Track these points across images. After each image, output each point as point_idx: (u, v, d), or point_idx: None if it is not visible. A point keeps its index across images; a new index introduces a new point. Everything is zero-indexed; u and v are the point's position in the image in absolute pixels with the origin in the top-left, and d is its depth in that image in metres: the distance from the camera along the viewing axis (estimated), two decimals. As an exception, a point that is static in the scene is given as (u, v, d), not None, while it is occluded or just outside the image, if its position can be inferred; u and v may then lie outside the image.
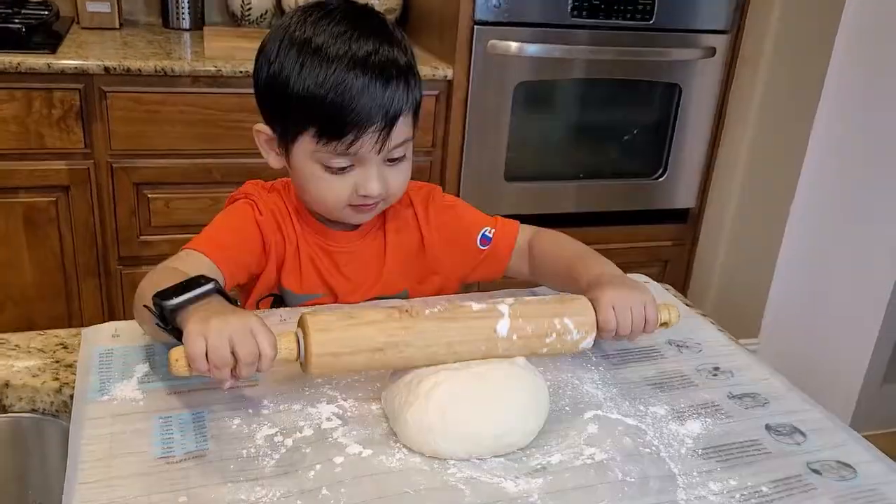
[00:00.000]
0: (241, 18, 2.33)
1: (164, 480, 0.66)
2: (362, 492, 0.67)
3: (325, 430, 0.74)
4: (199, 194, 1.96)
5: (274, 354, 0.70)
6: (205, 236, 0.96)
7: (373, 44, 0.90)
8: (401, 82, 0.90)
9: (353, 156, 0.91)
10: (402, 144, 0.94)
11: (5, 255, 1.87)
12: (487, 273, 1.09)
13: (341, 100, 0.87)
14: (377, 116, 0.88)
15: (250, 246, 0.99)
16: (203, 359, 0.68)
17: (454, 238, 1.07)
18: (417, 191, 1.07)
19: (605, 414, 0.80)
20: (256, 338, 0.69)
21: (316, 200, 0.97)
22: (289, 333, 0.73)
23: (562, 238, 1.06)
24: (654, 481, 0.71)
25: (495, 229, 1.08)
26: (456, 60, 2.04)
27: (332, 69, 0.88)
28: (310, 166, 0.93)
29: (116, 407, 0.75)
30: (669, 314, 0.88)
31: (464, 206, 1.11)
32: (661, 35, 2.19)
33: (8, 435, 0.78)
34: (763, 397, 0.85)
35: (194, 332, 0.68)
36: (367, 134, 0.89)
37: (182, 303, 0.72)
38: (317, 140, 0.90)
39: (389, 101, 0.89)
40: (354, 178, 0.93)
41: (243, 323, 0.69)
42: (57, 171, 1.85)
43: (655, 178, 2.38)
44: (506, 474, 0.70)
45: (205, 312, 0.71)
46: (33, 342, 0.85)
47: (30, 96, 1.77)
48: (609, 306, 0.83)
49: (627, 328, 0.84)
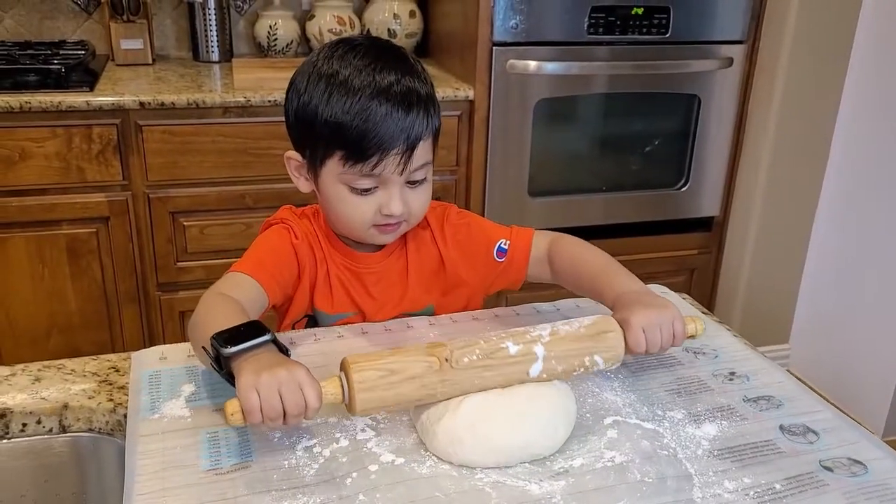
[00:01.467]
0: (267, 49, 2.41)
1: (214, 490, 0.72)
2: (396, 496, 0.71)
3: (359, 441, 0.79)
4: (232, 220, 2.04)
5: (319, 406, 0.75)
6: (249, 259, 1.02)
7: (395, 74, 0.96)
8: (421, 109, 0.96)
9: (377, 177, 0.97)
10: (423, 167, 0.99)
11: (51, 285, 1.96)
12: (507, 283, 1.14)
13: (366, 126, 0.93)
14: (399, 140, 0.94)
15: (289, 268, 1.05)
16: (258, 412, 0.72)
17: (471, 253, 1.12)
18: (432, 210, 1.12)
19: (625, 419, 0.84)
20: (304, 390, 0.74)
21: (343, 221, 1.02)
22: (333, 379, 0.77)
23: (580, 246, 1.08)
24: (672, 481, 0.74)
25: (510, 241, 1.11)
26: (476, 81, 2.09)
27: (357, 98, 0.94)
28: (337, 188, 0.99)
29: (167, 424, 0.80)
30: (696, 327, 0.92)
31: (478, 221, 1.15)
32: (678, 48, 2.23)
33: (68, 453, 0.84)
34: (777, 399, 0.89)
35: (247, 386, 0.73)
36: (389, 157, 0.95)
37: (239, 352, 0.77)
38: (343, 163, 0.96)
39: (410, 126, 0.95)
40: (378, 200, 0.98)
41: (292, 376, 0.74)
42: (97, 203, 1.93)
43: (678, 188, 2.41)
44: (530, 478, 0.75)
45: (257, 364, 0.75)
46: (88, 366, 0.91)
47: (70, 133, 1.86)
48: (639, 329, 0.86)
49: (657, 347, 0.87)
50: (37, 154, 1.84)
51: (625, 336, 0.86)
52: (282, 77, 2.13)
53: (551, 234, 1.12)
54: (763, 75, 2.29)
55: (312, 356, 0.94)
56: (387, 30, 2.40)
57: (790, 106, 2.25)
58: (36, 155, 1.84)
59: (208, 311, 0.88)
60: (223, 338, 0.78)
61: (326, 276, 1.07)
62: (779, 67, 2.24)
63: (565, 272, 1.07)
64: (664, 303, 0.91)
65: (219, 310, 0.88)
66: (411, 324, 1.04)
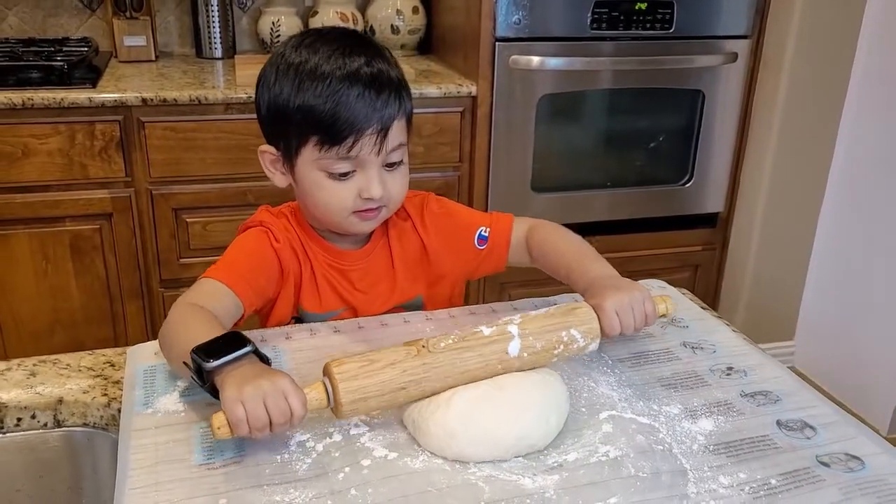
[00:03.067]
0: (270, 45, 2.41)
1: (206, 485, 0.71)
2: (388, 491, 0.71)
3: (352, 436, 0.79)
4: (234, 217, 2.03)
5: (304, 413, 0.75)
6: (222, 265, 1.00)
7: (363, 58, 0.96)
8: (392, 90, 0.97)
9: (354, 159, 0.96)
10: (399, 149, 0.99)
11: (54, 281, 1.97)
12: (489, 269, 1.15)
13: (338, 108, 0.94)
14: (373, 120, 0.95)
15: (268, 272, 1.03)
16: (244, 424, 0.72)
17: (452, 241, 1.12)
18: (411, 200, 1.12)
19: (620, 414, 0.83)
20: (288, 399, 0.74)
21: (322, 210, 1.01)
22: (317, 384, 0.77)
23: (556, 233, 1.11)
24: (666, 476, 0.74)
25: (490, 228, 1.12)
26: (479, 76, 2.09)
27: (327, 82, 0.94)
28: (314, 175, 0.98)
29: (160, 419, 0.80)
30: (667, 306, 0.95)
31: (457, 209, 1.15)
32: (682, 43, 2.21)
33: (63, 448, 0.84)
34: (775, 395, 0.88)
35: (231, 399, 0.73)
36: (364, 137, 0.95)
37: (221, 365, 0.77)
38: (319, 148, 0.96)
39: (383, 105, 0.95)
40: (357, 184, 0.98)
41: (275, 386, 0.74)
42: (100, 199, 1.94)
43: (683, 184, 2.40)
44: (523, 472, 0.74)
45: (240, 377, 0.75)
46: (83, 361, 0.92)
47: (73, 129, 1.86)
48: (612, 312, 0.89)
49: (630, 329, 0.90)
50: (40, 151, 1.85)
51: (599, 321, 0.88)
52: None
53: (530, 221, 1.14)
54: (768, 71, 2.28)
55: (307, 351, 0.94)
56: (390, 25, 2.40)
57: (795, 102, 2.24)
58: (39, 152, 1.85)
59: (181, 323, 0.87)
60: (203, 351, 0.77)
61: (312, 276, 1.06)
62: (783, 63, 2.22)
63: (541, 259, 1.10)
64: (633, 285, 0.94)
65: (193, 322, 0.86)
66: (408, 318, 1.03)
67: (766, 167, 2.34)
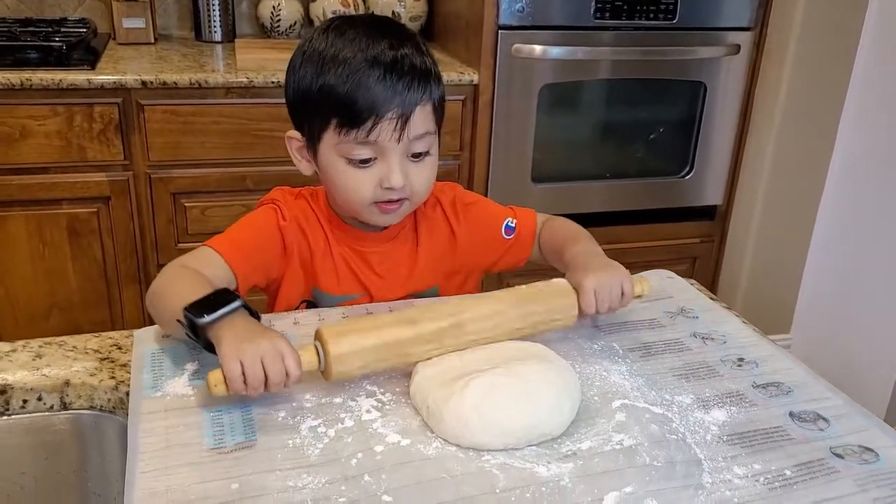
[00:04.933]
0: (270, 30, 2.39)
1: (217, 469, 0.71)
2: (402, 477, 0.70)
3: (365, 422, 0.78)
4: (233, 201, 2.02)
5: (300, 374, 0.77)
6: (224, 236, 1.01)
7: (388, 42, 0.95)
8: (416, 75, 0.95)
9: (374, 144, 0.95)
10: (423, 138, 0.97)
11: (51, 264, 1.95)
12: (511, 261, 1.15)
13: (358, 89, 0.93)
14: (393, 104, 0.93)
15: (269, 249, 1.03)
16: (241, 380, 0.75)
17: (481, 232, 1.12)
18: (441, 191, 1.12)
19: (633, 403, 0.83)
20: (285, 359, 0.76)
21: (342, 197, 1.00)
22: (309, 347, 0.80)
23: (561, 221, 1.13)
24: (680, 465, 0.73)
25: (517, 219, 1.13)
26: (481, 65, 2.07)
27: (348, 64, 0.94)
28: (334, 161, 0.97)
29: (170, 402, 0.79)
30: (643, 287, 0.97)
31: (484, 200, 1.16)
32: (684, 34, 2.20)
33: (69, 431, 0.83)
34: (787, 386, 0.88)
35: (229, 355, 0.75)
36: (384, 121, 0.93)
37: (214, 320, 0.78)
38: (339, 132, 0.95)
39: (405, 89, 0.94)
40: (378, 173, 0.96)
41: (273, 345, 0.76)
42: (98, 182, 1.92)
43: (682, 176, 2.39)
44: (537, 460, 0.74)
45: (235, 333, 0.77)
46: (89, 343, 0.90)
47: (71, 111, 1.84)
48: (591, 291, 0.91)
49: (605, 307, 0.92)
50: (37, 132, 1.83)
51: (578, 299, 0.91)
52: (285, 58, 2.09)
53: (545, 216, 1.16)
54: (770, 63, 2.27)
55: (315, 336, 0.93)
56: (391, 12, 2.38)
57: (797, 94, 2.23)
58: (37, 133, 1.83)
59: (170, 282, 0.89)
60: (195, 308, 0.79)
61: (330, 257, 1.06)
62: (786, 55, 2.22)
63: (546, 247, 1.11)
64: (613, 265, 0.95)
65: (182, 281, 0.88)
66: (416, 304, 1.02)
67: (767, 160, 2.34)
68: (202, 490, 0.68)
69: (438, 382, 0.79)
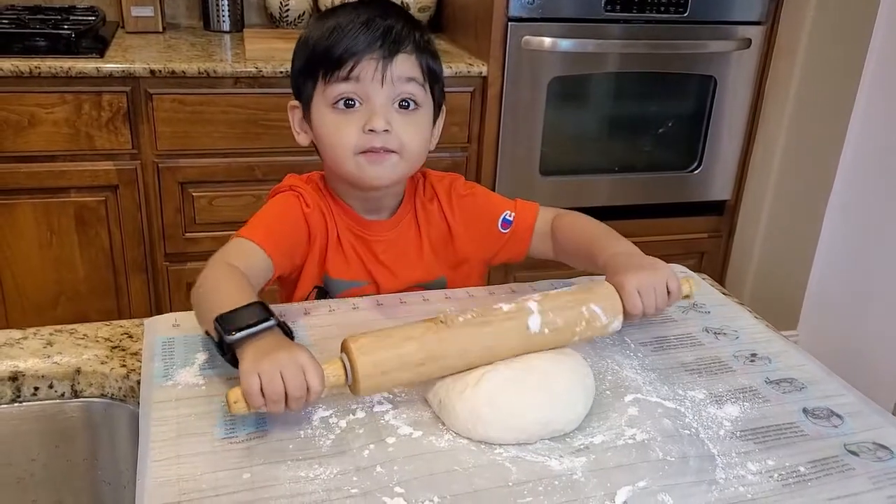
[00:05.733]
0: (279, 20, 2.38)
1: (229, 459, 0.70)
2: (414, 469, 0.70)
3: (376, 413, 0.78)
4: (241, 192, 2.02)
5: (321, 389, 0.73)
6: (255, 225, 1.00)
7: (380, 11, 0.98)
8: (402, 22, 0.98)
9: (357, 84, 0.95)
10: (409, 83, 0.97)
11: (59, 252, 1.95)
12: (510, 255, 1.13)
13: (340, 38, 0.95)
14: (375, 46, 0.95)
15: (297, 235, 1.03)
16: (259, 395, 0.71)
17: (476, 224, 1.11)
18: (440, 181, 1.12)
19: (645, 397, 0.82)
20: (306, 373, 0.72)
21: (331, 154, 0.99)
22: (335, 360, 0.76)
23: (582, 218, 1.09)
24: (694, 461, 0.73)
25: (515, 212, 1.11)
26: (490, 57, 2.06)
27: (335, 24, 0.97)
28: (323, 114, 0.98)
29: (181, 391, 0.79)
30: (690, 287, 0.93)
31: (484, 192, 1.14)
32: (695, 27, 2.19)
33: (80, 418, 0.83)
34: (800, 382, 0.87)
35: (248, 370, 0.72)
36: (365, 60, 0.95)
37: (243, 338, 0.76)
38: (325, 81, 0.97)
39: (388, 31, 0.96)
40: (362, 118, 0.96)
41: (293, 359, 0.72)
42: (106, 171, 1.92)
43: (691, 171, 2.38)
44: (550, 454, 0.73)
45: (259, 349, 0.74)
46: (100, 332, 0.90)
47: (80, 99, 1.83)
48: (634, 291, 0.87)
49: (653, 308, 0.88)
50: (46, 120, 1.82)
51: (621, 300, 0.86)
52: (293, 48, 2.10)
53: (556, 210, 1.13)
54: (781, 58, 2.26)
55: (326, 327, 0.93)
56: (400, 2, 2.37)
57: (807, 90, 2.22)
58: (45, 121, 1.82)
59: (214, 286, 0.87)
60: (227, 321, 0.77)
61: (338, 243, 1.06)
62: (797, 50, 2.20)
63: (564, 243, 1.08)
64: (656, 263, 0.92)
65: (226, 285, 0.86)
66: (427, 297, 1.02)
67: (776, 156, 2.33)
68: (213, 479, 0.68)
69: (451, 375, 0.78)
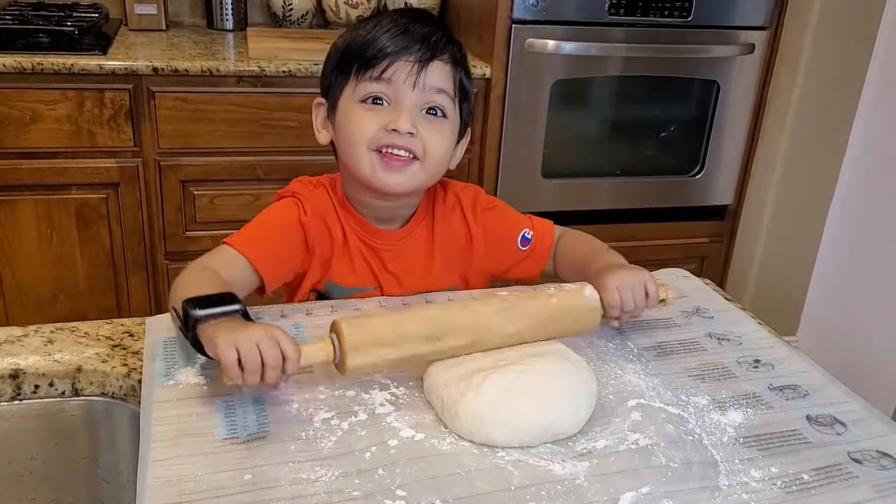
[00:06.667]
0: (282, 19, 2.38)
1: (230, 459, 0.70)
2: (416, 472, 0.70)
3: (378, 415, 0.77)
4: (242, 191, 2.02)
5: (298, 356, 0.74)
6: (244, 233, 0.99)
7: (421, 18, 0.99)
8: (440, 35, 0.98)
9: (388, 84, 0.95)
10: (440, 94, 0.97)
11: (59, 250, 1.94)
12: (524, 272, 1.13)
13: (379, 35, 0.96)
14: (412, 50, 0.95)
15: (291, 244, 1.01)
16: (237, 367, 0.72)
17: (496, 238, 1.11)
18: (463, 190, 1.11)
19: (648, 402, 0.82)
20: (280, 344, 0.74)
21: (347, 149, 0.98)
22: (324, 339, 0.78)
23: (582, 236, 1.12)
24: (697, 467, 0.73)
25: (534, 230, 1.12)
26: (494, 59, 2.06)
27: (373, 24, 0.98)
28: (349, 110, 0.98)
29: (182, 391, 0.79)
30: (667, 292, 0.96)
31: (504, 207, 1.14)
32: (699, 32, 2.19)
33: (80, 417, 0.82)
34: (804, 389, 0.87)
35: (224, 343, 0.73)
36: (400, 61, 0.95)
37: (207, 315, 0.77)
38: (357, 77, 0.97)
39: (427, 38, 0.96)
40: (387, 116, 0.96)
41: (268, 333, 0.74)
42: (107, 168, 1.91)
43: (693, 175, 2.38)
44: (552, 458, 0.73)
45: (228, 327, 0.75)
46: (101, 330, 0.90)
47: (82, 96, 1.83)
48: (614, 288, 0.90)
49: (631, 305, 0.90)
50: (48, 117, 1.82)
51: (601, 298, 0.90)
52: (297, 48, 2.10)
53: (562, 228, 1.14)
54: (784, 63, 2.26)
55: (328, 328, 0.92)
56: (404, 3, 2.37)
57: (810, 95, 2.22)
58: (47, 117, 1.82)
59: (187, 282, 0.87)
60: (194, 302, 0.78)
61: (346, 249, 1.04)
62: (801, 56, 2.20)
63: (565, 261, 1.10)
64: (637, 268, 0.95)
65: (200, 281, 0.86)
66: (430, 298, 1.02)
67: (778, 161, 2.33)
68: (215, 480, 0.67)
69: (454, 377, 0.78)
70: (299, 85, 1.93)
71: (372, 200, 1.02)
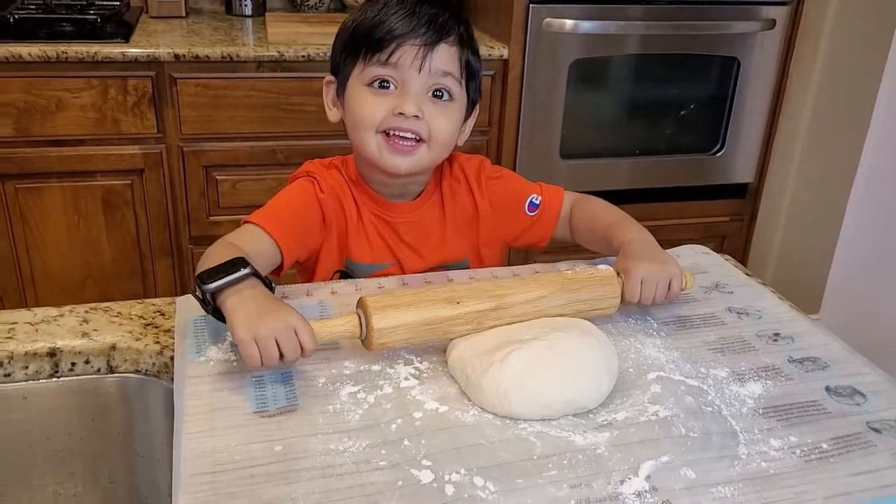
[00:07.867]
0: (300, 4, 2.39)
1: (261, 432, 0.72)
2: (440, 443, 0.72)
3: (403, 389, 0.79)
4: (264, 175, 2.04)
5: (314, 347, 0.78)
6: (265, 210, 1.01)
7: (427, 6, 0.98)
8: (447, 16, 0.98)
9: (395, 69, 0.96)
10: (446, 77, 0.98)
11: (86, 236, 1.98)
12: (534, 239, 1.14)
13: (386, 18, 0.97)
14: (418, 33, 0.96)
15: (310, 221, 1.04)
16: (258, 361, 0.76)
17: (504, 206, 1.12)
18: (468, 162, 1.13)
19: (668, 375, 0.83)
20: (298, 335, 0.77)
21: (355, 132, 1.00)
22: (351, 313, 0.82)
23: (601, 203, 1.12)
24: (717, 437, 0.74)
25: (542, 196, 1.13)
26: (511, 39, 2.06)
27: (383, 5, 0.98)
28: (357, 92, 1.00)
29: (213, 367, 0.81)
30: (688, 282, 0.95)
31: (511, 175, 1.16)
32: (719, 8, 2.18)
33: (116, 394, 0.85)
34: (823, 361, 0.88)
35: (244, 340, 0.76)
36: (406, 45, 0.96)
37: (219, 287, 0.80)
38: (365, 60, 0.98)
39: (433, 19, 0.97)
40: (395, 100, 0.97)
41: (285, 323, 0.77)
42: (132, 155, 1.94)
43: (713, 154, 2.37)
44: (574, 429, 0.75)
45: (245, 310, 0.77)
46: (134, 310, 0.92)
47: (106, 84, 1.86)
48: (638, 280, 0.90)
49: (649, 301, 0.91)
50: (73, 105, 1.85)
51: (623, 285, 0.90)
52: (315, 32, 2.12)
53: (576, 194, 1.15)
54: (806, 39, 2.24)
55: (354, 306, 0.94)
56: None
57: (832, 72, 2.20)
58: (72, 105, 1.85)
59: (212, 256, 0.89)
60: (206, 274, 0.81)
61: (360, 226, 1.07)
62: (823, 31, 2.18)
63: (582, 227, 1.10)
64: (667, 258, 0.94)
65: (221, 257, 0.87)
66: (451, 276, 1.03)
67: (800, 138, 2.31)
68: (247, 451, 0.70)
69: (478, 352, 0.80)
70: (318, 69, 1.94)
71: (381, 177, 1.05)
